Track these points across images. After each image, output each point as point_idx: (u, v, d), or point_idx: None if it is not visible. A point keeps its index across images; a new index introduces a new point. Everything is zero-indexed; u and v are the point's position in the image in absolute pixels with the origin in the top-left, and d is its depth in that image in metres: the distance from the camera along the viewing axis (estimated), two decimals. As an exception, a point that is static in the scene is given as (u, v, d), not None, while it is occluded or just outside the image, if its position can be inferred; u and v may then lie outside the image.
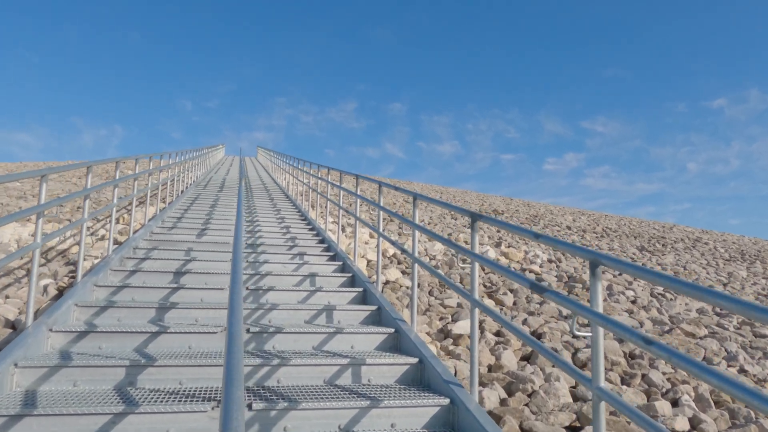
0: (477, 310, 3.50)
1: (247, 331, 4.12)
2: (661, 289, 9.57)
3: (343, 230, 11.86)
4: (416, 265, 4.68)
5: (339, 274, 6.08)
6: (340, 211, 7.77)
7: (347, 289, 5.51)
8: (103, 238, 9.22)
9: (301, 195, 11.89)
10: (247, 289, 5.27)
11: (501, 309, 7.53)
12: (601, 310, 2.23)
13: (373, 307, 4.97)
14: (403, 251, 4.86)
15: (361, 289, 5.53)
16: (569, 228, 17.41)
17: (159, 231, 8.12)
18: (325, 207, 9.03)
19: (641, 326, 7.02)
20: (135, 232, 7.86)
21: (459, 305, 7.56)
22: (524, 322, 6.98)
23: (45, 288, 6.93)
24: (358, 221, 6.65)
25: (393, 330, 4.39)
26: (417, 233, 4.88)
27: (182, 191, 14.10)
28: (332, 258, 7.16)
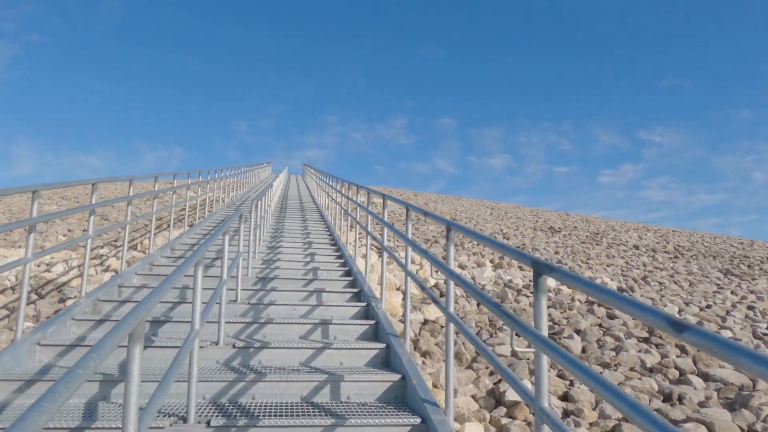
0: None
1: (207, 424, 2.89)
2: None
3: (381, 255, 10.66)
4: (451, 324, 3.34)
5: (360, 322, 4.80)
6: (368, 237, 6.51)
7: (366, 345, 4.22)
8: (108, 269, 8.27)
9: (340, 217, 10.71)
10: (234, 347, 4.05)
11: (567, 358, 6.06)
12: None
13: (396, 377, 3.66)
14: (436, 302, 3.54)
15: (383, 346, 4.23)
16: (636, 247, 15.57)
17: (163, 262, 7.07)
18: (355, 231, 7.81)
19: None
20: (130, 264, 6.83)
21: (514, 354, 6.14)
22: (598, 378, 5.47)
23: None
24: (385, 252, 5.36)
25: (419, 420, 3.06)
26: (456, 268, 3.54)
27: (210, 213, 13.20)
28: (356, 296, 5.89)
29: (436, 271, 9.86)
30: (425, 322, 6.71)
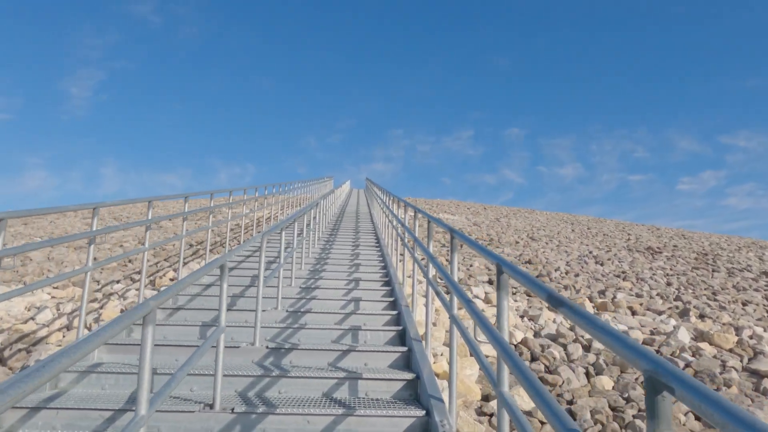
0: None
1: None
2: None
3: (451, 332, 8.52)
4: None
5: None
6: (430, 290, 4.41)
7: None
8: (99, 319, 6.53)
9: (397, 244, 8.61)
10: None
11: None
12: None
13: None
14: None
15: None
16: (767, 274, 12.60)
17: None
18: (413, 273, 5.75)
19: None
20: (91, 327, 5.03)
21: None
22: None
23: None
24: (452, 319, 3.24)
25: None
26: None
27: (242, 240, 11.49)
28: (410, 389, 3.79)
29: (523, 316, 7.60)
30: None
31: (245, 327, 4.89)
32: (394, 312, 5.54)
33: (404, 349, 4.38)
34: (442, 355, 5.35)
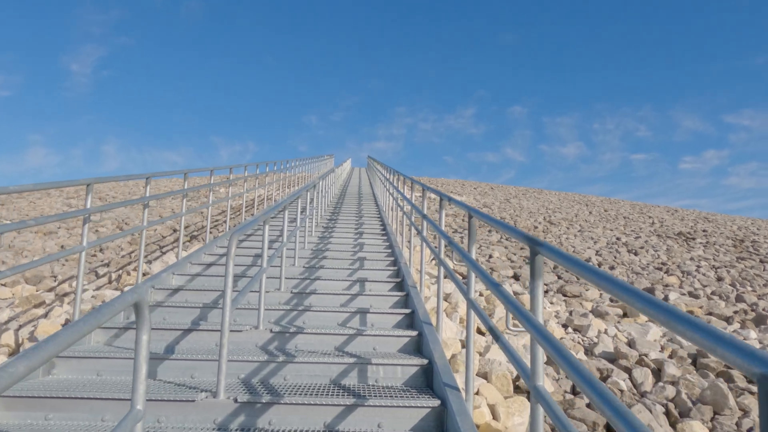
0: None
1: None
2: None
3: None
4: None
5: None
6: (471, 316, 3.02)
7: None
8: (32, 336, 5.14)
9: (410, 237, 7.20)
10: None
11: None
12: None
13: None
14: None
15: None
16: (820, 265, 11.20)
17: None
18: (438, 280, 4.38)
19: None
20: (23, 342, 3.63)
21: None
22: None
23: None
24: (534, 392, 1.86)
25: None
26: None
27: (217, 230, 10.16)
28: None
29: (567, 326, 6.22)
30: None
31: (206, 361, 3.51)
32: (414, 333, 4.15)
33: (436, 403, 3.00)
34: (478, 393, 3.98)
